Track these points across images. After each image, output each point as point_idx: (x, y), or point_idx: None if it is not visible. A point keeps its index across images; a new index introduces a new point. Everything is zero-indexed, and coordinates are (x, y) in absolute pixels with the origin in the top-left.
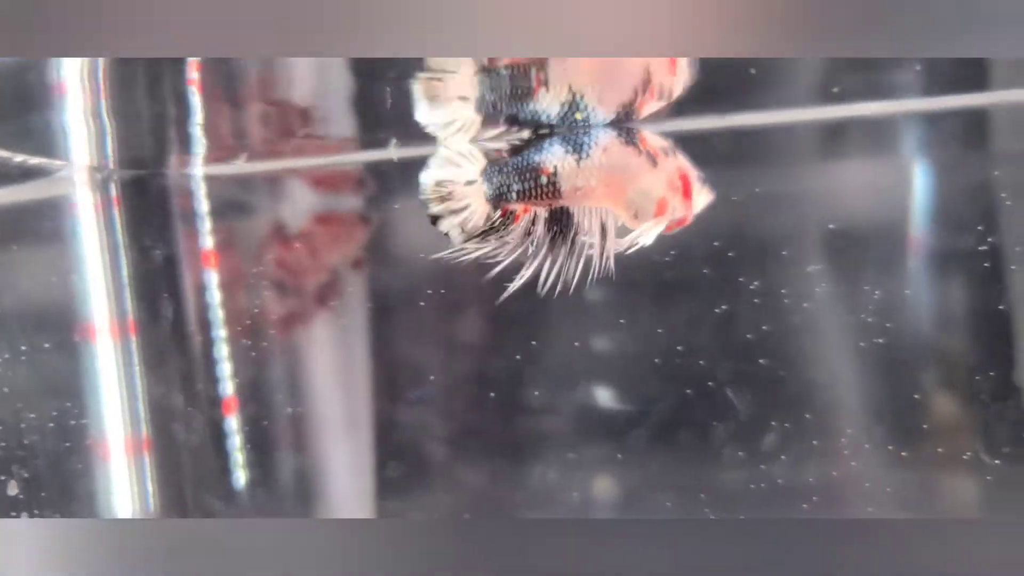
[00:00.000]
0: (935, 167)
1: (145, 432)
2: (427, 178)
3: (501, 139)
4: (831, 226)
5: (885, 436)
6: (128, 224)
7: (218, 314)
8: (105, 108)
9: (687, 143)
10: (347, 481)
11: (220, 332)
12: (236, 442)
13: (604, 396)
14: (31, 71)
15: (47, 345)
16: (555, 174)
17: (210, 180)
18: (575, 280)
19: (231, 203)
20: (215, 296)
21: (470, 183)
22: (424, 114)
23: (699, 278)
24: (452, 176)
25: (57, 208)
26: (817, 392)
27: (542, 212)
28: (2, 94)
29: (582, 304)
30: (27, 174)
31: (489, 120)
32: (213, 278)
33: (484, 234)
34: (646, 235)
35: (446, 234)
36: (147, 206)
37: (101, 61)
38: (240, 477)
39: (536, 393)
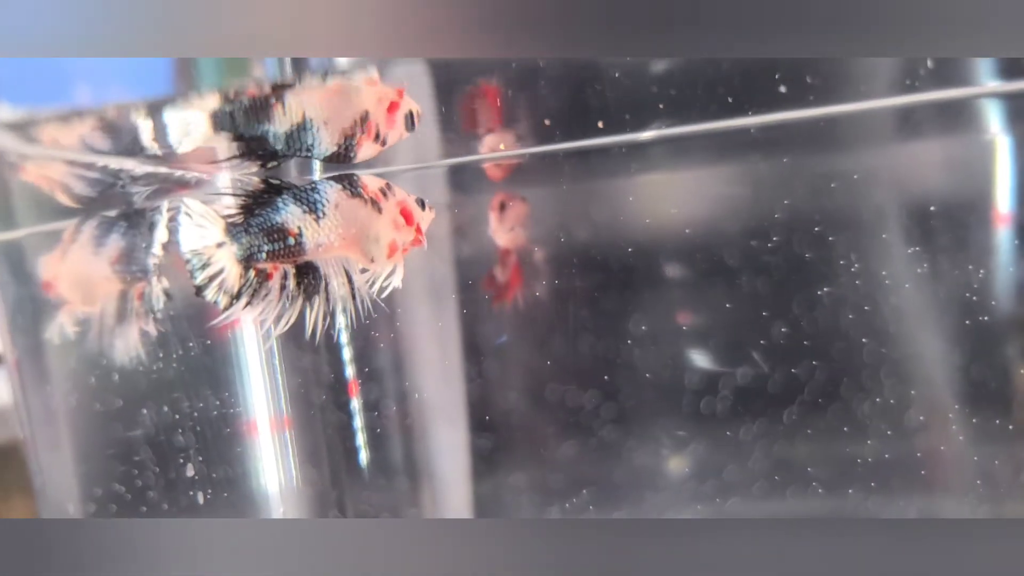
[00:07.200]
0: None
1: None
2: (186, 250)
3: (231, 170)
4: None
5: None
6: None
7: None
8: None
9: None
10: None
11: None
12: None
13: None
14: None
15: (208, 341)
16: (300, 235)
17: None
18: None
19: None
20: None
21: (220, 245)
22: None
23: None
24: (202, 241)
25: None
26: None
27: (290, 268)
28: None
29: None
30: None
31: (222, 135)
32: None
33: (239, 295)
34: (393, 277)
35: (215, 301)
36: None
37: None
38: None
39: None
